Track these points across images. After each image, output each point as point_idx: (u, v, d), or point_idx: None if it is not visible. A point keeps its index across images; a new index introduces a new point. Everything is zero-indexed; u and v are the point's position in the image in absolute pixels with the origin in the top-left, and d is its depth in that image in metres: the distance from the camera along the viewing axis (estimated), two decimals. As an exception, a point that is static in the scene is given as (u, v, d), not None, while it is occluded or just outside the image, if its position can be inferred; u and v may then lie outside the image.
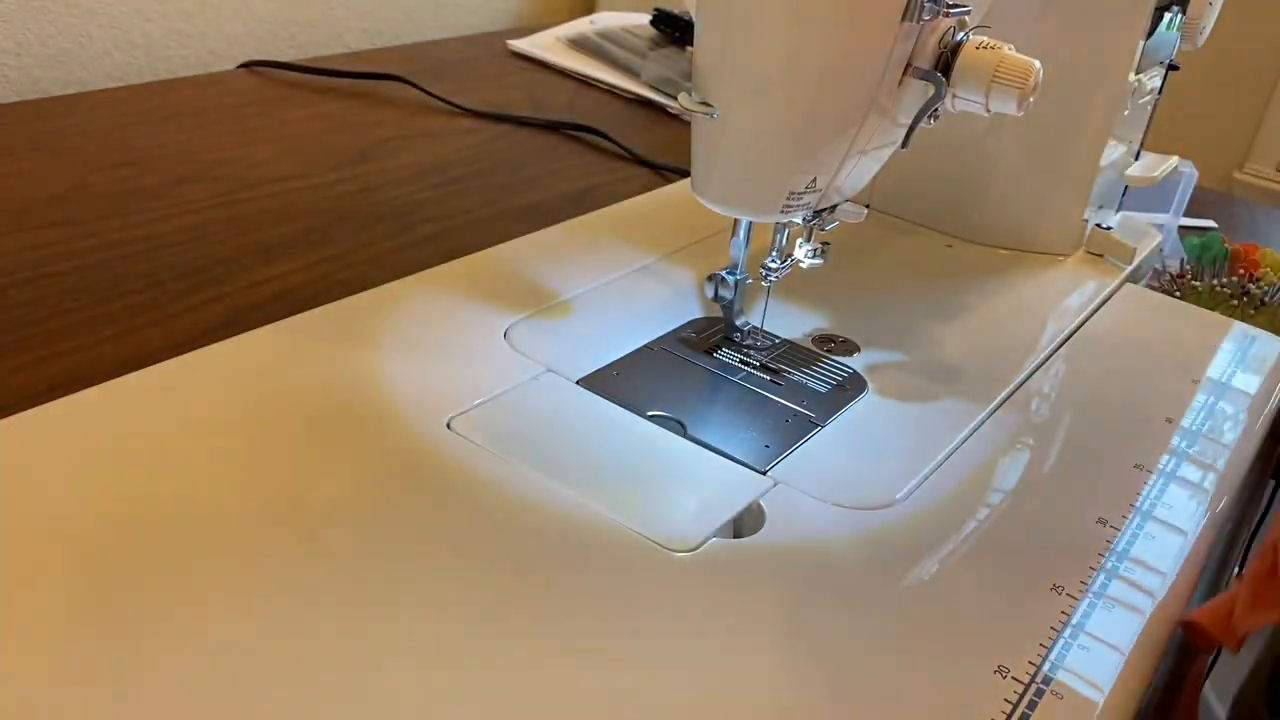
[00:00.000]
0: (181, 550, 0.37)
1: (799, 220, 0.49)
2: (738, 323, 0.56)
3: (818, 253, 0.52)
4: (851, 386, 0.53)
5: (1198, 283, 0.73)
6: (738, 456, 0.47)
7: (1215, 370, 0.60)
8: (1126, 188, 0.74)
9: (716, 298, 0.55)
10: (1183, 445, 0.52)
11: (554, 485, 0.43)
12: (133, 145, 0.73)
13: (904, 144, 0.47)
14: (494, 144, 0.83)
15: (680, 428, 0.49)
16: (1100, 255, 0.71)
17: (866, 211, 0.51)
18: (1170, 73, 0.71)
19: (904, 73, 0.43)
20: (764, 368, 0.54)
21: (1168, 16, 0.64)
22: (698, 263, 0.63)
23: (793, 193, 0.46)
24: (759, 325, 0.56)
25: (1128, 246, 0.70)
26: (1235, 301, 0.70)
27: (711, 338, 0.56)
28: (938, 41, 0.44)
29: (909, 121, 0.46)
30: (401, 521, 0.40)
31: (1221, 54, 1.12)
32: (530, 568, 0.39)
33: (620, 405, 0.49)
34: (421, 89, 0.90)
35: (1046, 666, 0.37)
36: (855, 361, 0.56)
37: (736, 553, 0.41)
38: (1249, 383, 0.59)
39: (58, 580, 0.35)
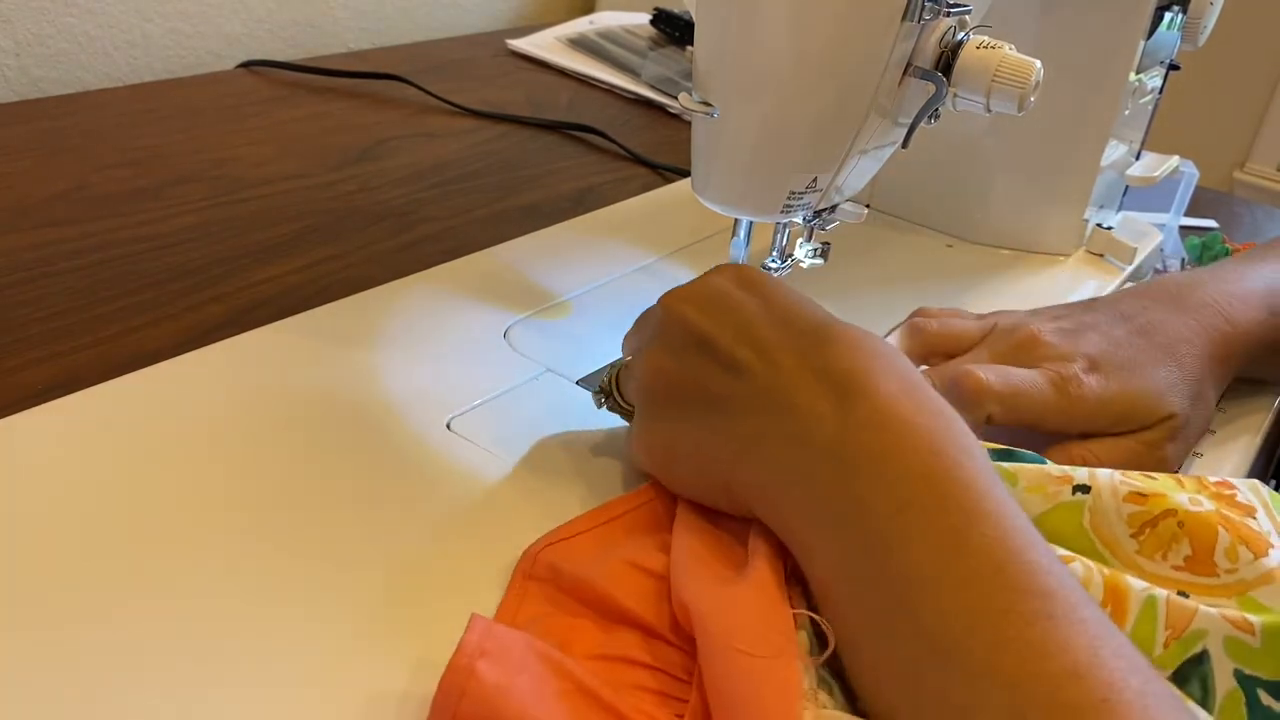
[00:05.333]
0: (181, 549, 0.37)
1: (799, 220, 0.49)
2: (738, 323, 0.56)
3: (818, 253, 0.52)
4: (852, 386, 0.53)
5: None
6: (738, 456, 0.47)
7: (1215, 370, 0.59)
8: (1127, 187, 0.74)
9: (717, 298, 0.55)
10: (1183, 445, 0.52)
11: (553, 485, 0.43)
12: (133, 145, 0.73)
13: (904, 144, 0.47)
14: (494, 144, 0.83)
15: (680, 428, 0.48)
16: (1101, 255, 0.71)
17: (866, 211, 0.51)
18: (1171, 73, 0.71)
19: (904, 72, 0.43)
20: (764, 368, 0.54)
21: (1168, 16, 0.64)
22: (698, 263, 0.63)
23: (793, 193, 0.46)
24: (759, 325, 0.56)
25: (1128, 246, 0.70)
26: (1235, 301, 0.70)
27: (711, 338, 0.56)
28: (938, 41, 0.44)
29: (909, 121, 0.46)
30: (401, 521, 0.40)
31: (1221, 54, 1.12)
32: (530, 568, 0.39)
33: (620, 405, 0.49)
34: (421, 89, 0.90)
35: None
36: (855, 361, 0.55)
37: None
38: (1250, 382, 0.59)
39: (57, 578, 0.35)
